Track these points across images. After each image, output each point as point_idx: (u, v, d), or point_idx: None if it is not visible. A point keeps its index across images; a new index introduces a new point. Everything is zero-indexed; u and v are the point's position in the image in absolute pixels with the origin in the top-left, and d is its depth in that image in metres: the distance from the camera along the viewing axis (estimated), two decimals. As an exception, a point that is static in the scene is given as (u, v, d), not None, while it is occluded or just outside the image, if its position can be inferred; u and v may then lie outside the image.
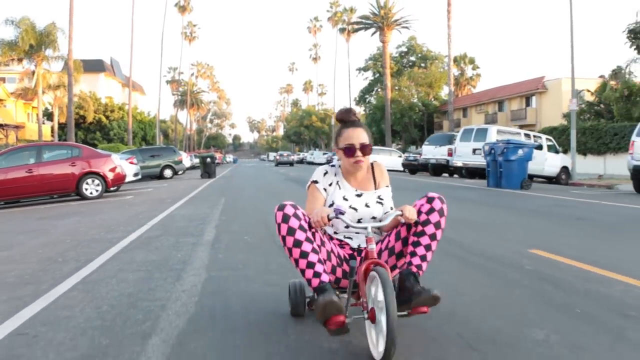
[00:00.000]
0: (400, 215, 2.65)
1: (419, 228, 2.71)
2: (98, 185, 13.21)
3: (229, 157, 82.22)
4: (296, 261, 2.58)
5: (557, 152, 21.04)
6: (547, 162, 20.26)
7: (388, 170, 3.22)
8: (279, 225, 2.61)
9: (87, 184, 13.12)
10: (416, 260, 2.69)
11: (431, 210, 2.73)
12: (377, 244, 2.86)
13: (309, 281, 2.57)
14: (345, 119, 2.89)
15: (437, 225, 2.73)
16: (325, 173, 2.95)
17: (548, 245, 5.27)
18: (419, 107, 49.46)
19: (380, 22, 45.95)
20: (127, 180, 15.93)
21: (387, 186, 3.00)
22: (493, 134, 19.39)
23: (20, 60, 36.62)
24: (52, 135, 39.25)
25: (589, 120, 30.62)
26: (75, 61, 32.79)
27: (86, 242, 6.08)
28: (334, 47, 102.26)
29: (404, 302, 2.56)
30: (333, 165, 3.00)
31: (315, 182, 2.94)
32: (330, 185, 2.92)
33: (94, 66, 53.15)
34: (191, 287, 3.87)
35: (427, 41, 61.03)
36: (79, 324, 3.05)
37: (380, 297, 2.31)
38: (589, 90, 31.67)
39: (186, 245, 5.67)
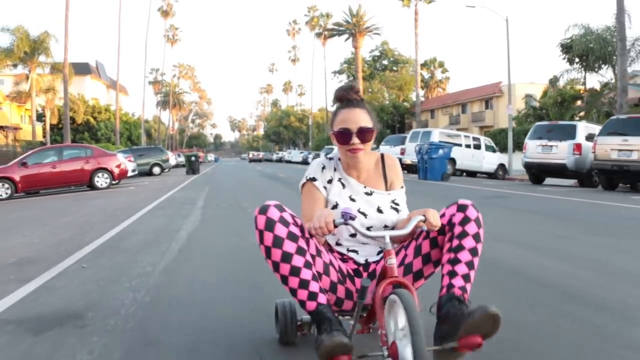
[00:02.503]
0: (423, 221, 2.13)
1: (455, 242, 2.19)
2: (107, 178, 17.00)
3: (211, 156, 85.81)
4: (284, 279, 2.12)
5: (494, 151, 25.21)
6: (485, 160, 24.43)
7: None
8: (260, 232, 2.12)
9: (98, 177, 16.90)
10: (458, 282, 2.13)
11: (466, 220, 2.21)
12: None
13: (302, 303, 2.12)
14: (344, 97, 2.36)
15: (477, 237, 2.21)
16: (323, 167, 2.43)
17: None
18: (390, 109, 53.57)
19: (352, 29, 50.13)
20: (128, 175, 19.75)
21: (401, 187, 2.50)
22: (436, 136, 23.38)
23: (15, 65, 40.11)
24: (44, 136, 42.67)
25: (532, 122, 34.86)
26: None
27: (123, 209, 9.92)
28: (312, 49, 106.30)
29: (449, 334, 1.98)
30: (331, 158, 2.49)
31: (313, 179, 2.41)
32: (330, 182, 2.41)
33: (80, 69, 56.48)
34: (193, 221, 7.77)
35: (399, 45, 65.80)
36: (141, 237, 6.93)
37: (403, 323, 1.82)
38: (532, 96, 35.96)
39: (186, 208, 9.58)
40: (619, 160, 13.31)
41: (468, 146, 24.03)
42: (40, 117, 43.96)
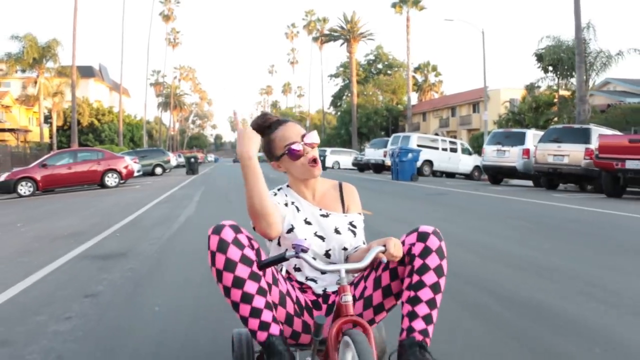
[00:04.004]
0: (382, 252, 1.95)
1: (415, 278, 2.01)
2: (116, 178, 19.60)
3: (211, 157, 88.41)
4: (235, 305, 1.98)
5: (470, 154, 27.77)
6: (460, 162, 27.02)
7: (346, 170, 2.49)
8: (212, 254, 1.99)
9: (108, 177, 19.50)
10: (419, 325, 1.99)
11: (427, 251, 2.02)
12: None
13: (253, 333, 2.00)
14: (265, 123, 2.22)
15: (439, 271, 2.02)
16: (275, 194, 2.27)
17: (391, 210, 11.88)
18: (384, 111, 56.13)
19: (347, 34, 52.77)
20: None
21: (359, 213, 2.34)
22: (414, 140, 25.91)
23: (23, 70, 42.78)
24: (51, 138, 45.32)
25: (512, 126, 37.41)
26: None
27: (134, 203, 12.49)
28: (310, 53, 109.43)
29: None
30: (280, 188, 2.33)
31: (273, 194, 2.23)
32: (286, 205, 2.24)
33: (85, 72, 59.08)
34: (190, 211, 10.35)
35: (393, 50, 68.39)
36: (151, 220, 9.53)
37: None
38: (514, 101, 38.52)
39: (185, 201, 12.17)
40: (554, 164, 15.81)
41: (445, 149, 26.62)
42: (47, 120, 46.61)
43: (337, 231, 2.23)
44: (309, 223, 2.23)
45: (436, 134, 45.82)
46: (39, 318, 3.57)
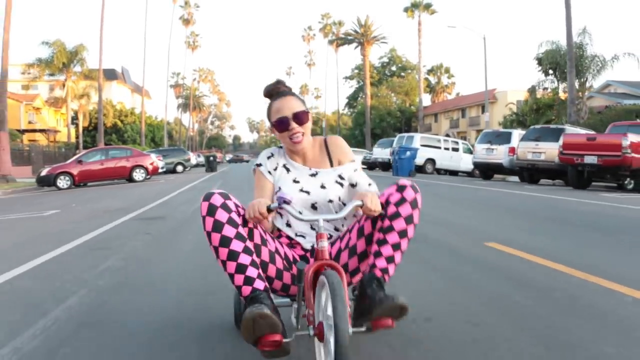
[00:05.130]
0: (360, 205, 2.22)
1: (387, 223, 2.29)
2: (143, 173, 22.08)
3: (229, 157, 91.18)
4: (223, 263, 2.22)
5: (471, 153, 29.83)
6: (462, 160, 29.11)
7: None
8: (203, 218, 2.26)
9: (136, 172, 21.97)
10: (381, 263, 2.27)
11: (402, 201, 2.30)
12: (336, 241, 2.48)
13: (238, 289, 2.20)
14: (274, 91, 2.55)
15: (409, 219, 2.31)
16: (270, 156, 2.61)
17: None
18: (397, 113, 58.26)
19: (361, 38, 54.99)
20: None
21: (351, 161, 2.61)
22: (417, 140, 28.07)
23: (52, 74, 45.69)
24: (77, 138, 48.17)
25: (514, 127, 39.37)
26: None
27: (161, 192, 14.87)
28: (326, 55, 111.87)
29: (365, 314, 2.18)
30: (281, 147, 2.65)
31: (259, 165, 2.60)
32: (276, 169, 2.57)
33: (108, 75, 62.03)
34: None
35: (406, 52, 70.42)
36: (178, 203, 11.92)
37: (330, 310, 1.93)
38: (517, 103, 40.47)
39: (206, 190, 14.50)
40: (532, 160, 17.92)
41: (447, 149, 28.76)
42: (73, 121, 49.46)
43: (322, 186, 2.49)
44: (297, 182, 2.51)
45: (447, 135, 47.87)
46: (118, 241, 5.95)
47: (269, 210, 2.22)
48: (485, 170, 21.65)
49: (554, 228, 6.80)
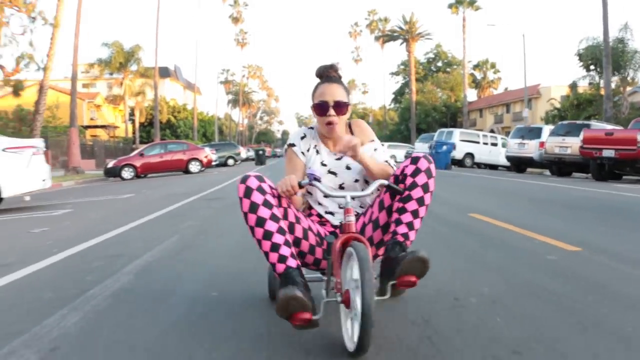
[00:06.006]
0: (384, 185, 2.54)
1: (405, 193, 2.50)
2: (198, 165, 24.24)
3: (278, 151, 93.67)
4: (259, 242, 2.42)
5: (510, 147, 31.02)
6: (500, 155, 30.26)
7: (399, 163, 3.11)
8: (240, 199, 2.47)
9: (192, 164, 24.14)
10: (402, 229, 2.48)
11: (417, 172, 2.50)
12: (359, 217, 2.72)
13: (273, 266, 2.40)
14: (324, 74, 2.74)
15: (425, 187, 2.50)
16: (303, 137, 2.81)
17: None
18: (442, 108, 59.30)
19: (405, 35, 56.28)
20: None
21: (371, 141, 2.82)
22: (457, 135, 29.45)
23: (111, 73, 48.71)
24: (134, 133, 51.14)
25: (556, 123, 40.10)
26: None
27: (216, 182, 16.85)
28: (372, 51, 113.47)
29: (389, 275, 2.37)
30: (312, 128, 2.84)
31: (292, 145, 2.79)
32: (309, 150, 2.78)
33: (162, 73, 64.91)
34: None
35: (452, 48, 71.07)
36: (231, 189, 13.82)
37: (356, 274, 2.11)
38: (561, 98, 41.15)
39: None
40: (559, 154, 19.20)
41: (485, 144, 30.03)
42: (130, 117, 52.41)
43: (347, 167, 2.72)
44: (324, 164, 2.73)
45: (491, 130, 48.70)
46: (190, 212, 7.86)
47: (300, 186, 2.45)
48: (518, 164, 22.94)
49: (527, 205, 8.39)
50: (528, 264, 4.10)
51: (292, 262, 2.37)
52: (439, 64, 67.05)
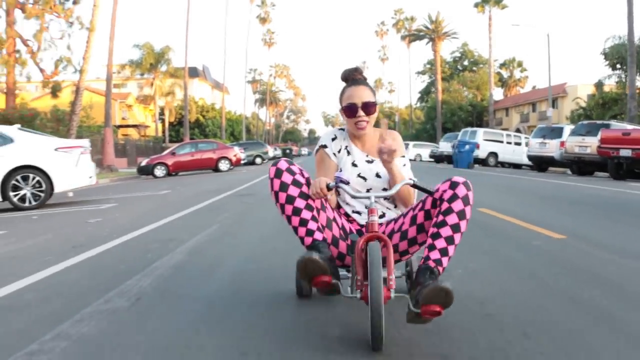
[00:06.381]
0: (409, 184, 2.61)
1: (440, 218, 2.52)
2: (227, 164, 25.22)
3: (304, 150, 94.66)
4: (289, 218, 2.59)
5: (534, 147, 31.44)
6: (524, 154, 30.71)
7: (425, 161, 3.93)
8: (271, 180, 2.63)
9: (221, 163, 25.13)
10: (434, 255, 2.48)
11: (454, 197, 2.52)
12: (390, 222, 2.81)
13: (301, 240, 2.57)
14: (349, 77, 2.85)
15: (462, 214, 2.52)
16: (334, 138, 2.91)
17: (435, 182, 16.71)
18: (468, 107, 59.58)
19: (431, 34, 56.81)
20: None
21: (402, 156, 2.89)
22: (480, 134, 29.99)
23: (141, 74, 50.19)
24: (163, 132, 52.55)
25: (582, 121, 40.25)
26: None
27: (246, 179, 17.76)
28: (398, 50, 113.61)
29: (416, 302, 2.36)
30: (342, 129, 2.95)
31: (324, 146, 2.90)
32: (340, 151, 2.88)
33: (190, 73, 66.12)
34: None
35: (478, 47, 71.20)
36: (260, 187, 14.71)
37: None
38: (588, 97, 41.29)
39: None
40: (579, 154, 19.69)
41: (509, 143, 30.49)
42: (160, 116, 53.86)
43: (377, 175, 2.82)
44: (355, 165, 2.84)
45: (517, 129, 48.99)
46: (226, 206, 8.76)
47: (329, 188, 2.52)
48: (539, 163, 23.44)
49: (535, 201, 9.09)
50: (515, 246, 4.89)
51: (319, 235, 2.55)
52: (465, 62, 67.34)
